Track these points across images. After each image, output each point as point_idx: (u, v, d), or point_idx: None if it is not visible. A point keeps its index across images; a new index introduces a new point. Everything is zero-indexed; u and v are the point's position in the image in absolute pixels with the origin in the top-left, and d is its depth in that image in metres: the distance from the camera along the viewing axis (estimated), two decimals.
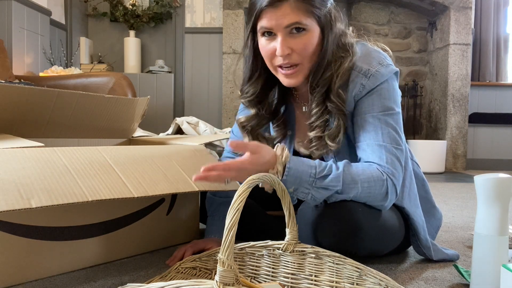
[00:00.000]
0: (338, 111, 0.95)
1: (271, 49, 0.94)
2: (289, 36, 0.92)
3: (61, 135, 1.31)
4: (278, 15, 0.90)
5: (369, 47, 1.00)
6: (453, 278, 0.98)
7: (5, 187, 0.76)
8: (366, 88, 0.94)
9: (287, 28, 0.91)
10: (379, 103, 0.95)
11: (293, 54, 0.93)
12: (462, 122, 3.79)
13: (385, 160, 0.92)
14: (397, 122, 0.96)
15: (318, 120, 0.97)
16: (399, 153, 0.94)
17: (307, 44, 0.92)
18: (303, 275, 0.80)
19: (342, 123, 0.95)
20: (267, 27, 0.92)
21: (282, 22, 0.90)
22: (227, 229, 0.54)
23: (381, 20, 4.13)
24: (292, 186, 0.86)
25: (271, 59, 0.96)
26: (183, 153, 1.14)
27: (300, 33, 0.92)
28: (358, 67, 0.95)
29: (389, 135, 0.94)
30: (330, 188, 0.87)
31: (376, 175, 0.90)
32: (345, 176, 0.88)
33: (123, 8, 3.95)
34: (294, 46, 0.92)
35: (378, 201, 0.92)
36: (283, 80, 0.98)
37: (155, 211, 1.16)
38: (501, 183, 0.77)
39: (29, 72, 3.15)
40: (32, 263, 0.92)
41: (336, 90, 0.94)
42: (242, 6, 3.70)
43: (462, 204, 2.07)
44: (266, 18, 0.91)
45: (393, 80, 0.98)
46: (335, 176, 0.87)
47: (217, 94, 3.92)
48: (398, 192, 0.94)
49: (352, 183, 0.88)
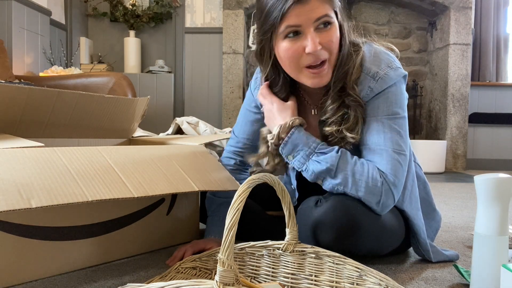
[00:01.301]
0: (355, 103, 0.94)
1: (299, 49, 0.91)
2: (316, 32, 0.90)
3: (61, 135, 1.31)
4: (306, 10, 0.88)
5: (376, 48, 0.99)
6: (453, 278, 0.98)
7: (5, 187, 0.76)
8: (374, 91, 0.94)
9: (316, 23, 0.89)
10: (385, 107, 0.95)
11: (322, 50, 0.91)
12: (462, 122, 3.79)
13: (385, 166, 0.92)
14: (402, 127, 0.96)
15: (334, 115, 0.96)
16: (401, 158, 0.94)
17: (334, 38, 0.92)
18: (303, 275, 0.80)
19: (359, 114, 0.95)
20: (295, 24, 0.89)
21: (312, 16, 0.88)
22: (227, 229, 0.54)
23: (381, 20, 4.13)
24: (292, 153, 0.94)
25: (298, 59, 0.92)
26: (183, 153, 1.14)
27: (326, 27, 0.91)
28: (366, 69, 0.95)
29: (392, 139, 0.94)
30: (325, 162, 0.91)
31: (372, 175, 0.91)
32: (344, 158, 0.92)
33: (123, 8, 3.95)
34: (322, 41, 0.90)
35: (372, 204, 0.91)
36: (311, 82, 0.95)
37: (155, 211, 1.16)
38: (501, 183, 0.77)
39: (29, 72, 3.15)
40: (32, 263, 0.92)
41: (351, 84, 0.94)
42: (242, 6, 3.70)
43: (462, 204, 2.07)
44: (293, 16, 0.88)
45: (401, 83, 0.97)
46: (333, 154, 0.92)
47: (217, 94, 3.92)
48: (396, 199, 0.94)
49: (349, 167, 0.91)
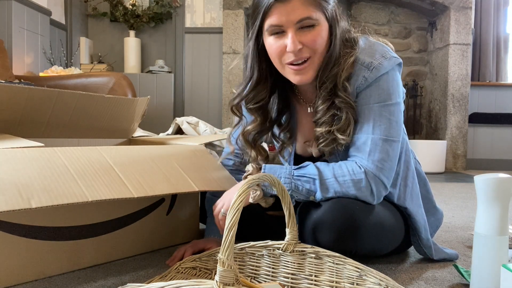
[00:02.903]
0: (346, 105, 0.94)
1: (281, 46, 0.92)
2: (299, 31, 0.91)
3: (61, 135, 1.31)
4: (288, 10, 0.89)
5: (371, 40, 1.00)
6: (453, 278, 0.98)
7: (5, 187, 0.76)
8: (368, 81, 0.94)
9: (298, 24, 0.90)
10: (376, 94, 0.95)
11: (304, 49, 0.92)
12: (462, 122, 3.79)
13: (368, 153, 0.92)
14: (393, 113, 0.95)
15: (324, 115, 0.96)
16: (390, 144, 0.94)
17: (317, 39, 0.92)
18: (303, 275, 0.80)
19: (351, 116, 0.94)
20: (277, 23, 0.90)
21: (292, 17, 0.89)
22: (227, 229, 0.54)
23: (381, 20, 4.13)
24: None
25: (281, 56, 0.94)
26: (183, 153, 1.13)
27: (310, 27, 0.91)
28: (361, 60, 0.95)
29: (380, 126, 0.93)
30: (307, 175, 0.92)
31: (355, 171, 0.91)
32: (321, 167, 0.94)
33: (123, 8, 3.95)
34: (305, 40, 0.91)
35: (366, 196, 0.92)
36: (293, 78, 0.96)
37: (155, 211, 1.16)
38: (501, 183, 0.77)
39: (29, 72, 3.15)
40: (32, 263, 0.92)
41: (342, 84, 0.94)
42: (242, 6, 3.70)
43: (462, 204, 2.07)
44: (275, 15, 0.90)
45: (394, 71, 0.97)
46: (311, 166, 0.94)
47: (217, 94, 3.92)
48: (387, 185, 0.94)
49: (330, 173, 0.92)
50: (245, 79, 1.03)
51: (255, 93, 1.02)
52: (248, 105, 1.04)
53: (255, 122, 1.05)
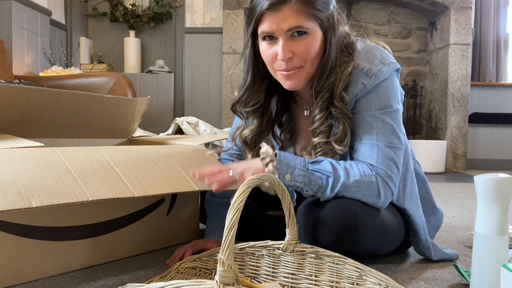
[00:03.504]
0: (342, 116, 0.94)
1: (272, 54, 0.92)
2: (290, 40, 0.90)
3: (61, 135, 1.31)
4: (279, 19, 0.88)
5: (369, 44, 0.99)
6: (453, 278, 0.98)
7: (5, 187, 0.76)
8: (367, 87, 0.94)
9: (288, 32, 0.89)
10: (377, 101, 0.94)
11: (295, 58, 0.92)
12: (462, 122, 3.79)
13: (376, 160, 0.92)
14: (395, 120, 0.95)
15: (322, 125, 0.96)
16: (394, 151, 0.94)
17: (309, 48, 0.91)
18: (303, 275, 0.80)
19: (348, 126, 0.94)
20: (268, 31, 0.90)
21: (283, 26, 0.88)
22: (227, 229, 0.54)
23: (381, 20, 4.13)
24: (288, 171, 0.88)
25: (272, 63, 0.94)
26: (183, 153, 1.14)
27: (301, 36, 0.90)
28: (360, 66, 0.94)
29: (384, 134, 0.94)
30: (322, 171, 0.90)
31: (366, 173, 0.91)
32: (335, 165, 0.91)
33: (123, 8, 3.95)
34: (296, 49, 0.90)
35: (372, 199, 0.92)
36: (284, 83, 0.96)
37: (155, 211, 1.16)
38: (501, 183, 0.77)
39: (29, 72, 3.15)
40: (32, 263, 0.92)
41: (338, 94, 0.93)
42: (242, 6, 3.70)
43: (462, 204, 2.07)
44: (267, 22, 0.90)
45: (393, 77, 0.97)
46: (326, 162, 0.92)
47: (217, 94, 3.92)
48: (394, 191, 0.94)
49: (342, 172, 0.90)
50: (243, 81, 1.03)
51: (250, 95, 1.02)
52: (244, 108, 1.03)
53: (252, 126, 1.04)
